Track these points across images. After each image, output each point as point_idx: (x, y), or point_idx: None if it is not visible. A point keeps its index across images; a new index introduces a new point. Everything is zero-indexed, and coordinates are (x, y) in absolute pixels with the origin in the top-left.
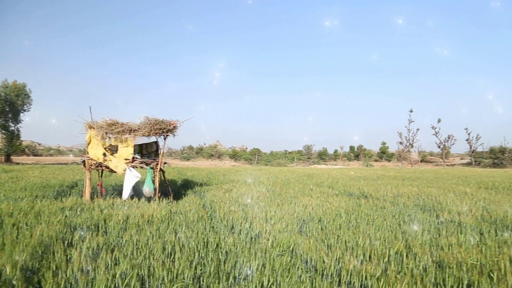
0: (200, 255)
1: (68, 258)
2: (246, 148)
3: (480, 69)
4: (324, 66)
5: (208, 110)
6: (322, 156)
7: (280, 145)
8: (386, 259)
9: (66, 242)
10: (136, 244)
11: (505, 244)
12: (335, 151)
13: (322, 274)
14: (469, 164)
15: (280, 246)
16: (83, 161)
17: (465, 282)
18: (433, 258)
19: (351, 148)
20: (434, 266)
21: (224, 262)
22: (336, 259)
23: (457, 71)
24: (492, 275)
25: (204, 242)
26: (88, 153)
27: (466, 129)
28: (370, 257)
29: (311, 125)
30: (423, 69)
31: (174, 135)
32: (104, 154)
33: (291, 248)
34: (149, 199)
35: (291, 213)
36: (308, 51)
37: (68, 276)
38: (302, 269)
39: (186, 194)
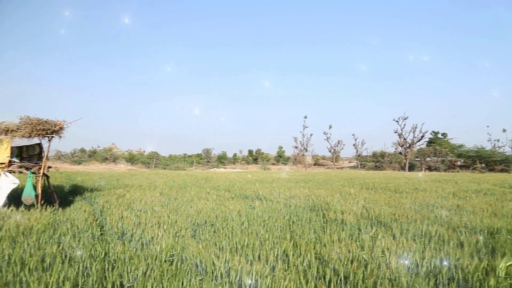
0: (85, 265)
1: None
2: (144, 151)
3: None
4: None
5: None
6: (222, 159)
7: (179, 148)
8: (273, 258)
9: None
10: (9, 259)
11: (377, 238)
12: (234, 154)
13: (212, 276)
14: (355, 167)
15: (170, 251)
16: None
17: (343, 274)
18: (316, 255)
19: (250, 152)
20: (317, 262)
21: (112, 270)
22: (225, 260)
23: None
24: (367, 266)
25: (91, 251)
26: None
27: (353, 135)
28: (259, 256)
29: (213, 129)
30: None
31: (60, 136)
32: None
33: (181, 253)
34: (29, 208)
35: (186, 217)
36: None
37: None
38: (192, 272)
39: (75, 200)
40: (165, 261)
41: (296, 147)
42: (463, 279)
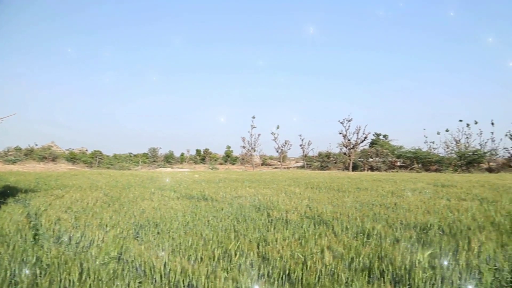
0: (13, 272)
1: None
2: (86, 150)
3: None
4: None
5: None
6: (169, 159)
7: (125, 147)
8: (216, 258)
9: None
10: None
11: (319, 236)
12: (182, 154)
13: (152, 279)
14: (302, 167)
15: (109, 254)
16: None
17: (286, 272)
18: (260, 253)
19: (198, 151)
20: (260, 260)
21: (44, 276)
22: (166, 262)
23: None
24: (307, 263)
25: (22, 257)
26: None
27: (300, 135)
28: (202, 257)
29: (157, 128)
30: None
31: None
32: None
33: (122, 255)
34: None
35: (129, 218)
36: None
37: None
38: (132, 275)
39: (6, 202)
40: (103, 264)
41: (244, 147)
42: (394, 272)
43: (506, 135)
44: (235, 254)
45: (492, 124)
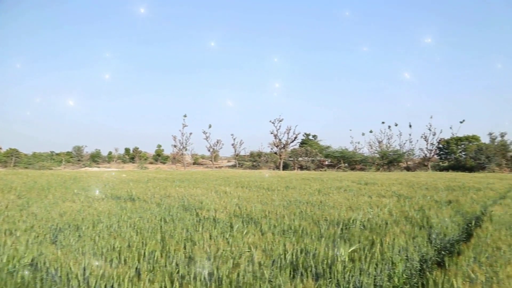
0: None
1: None
2: (1, 149)
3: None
4: None
5: None
6: (95, 158)
7: (46, 146)
8: (140, 260)
9: None
10: None
11: (246, 234)
12: (110, 153)
13: (69, 285)
14: (234, 166)
15: (20, 261)
16: None
17: (212, 271)
18: (186, 253)
19: (126, 150)
20: (186, 261)
21: None
22: (85, 266)
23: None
24: (233, 262)
25: None
26: None
27: (232, 134)
28: (125, 260)
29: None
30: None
31: None
32: None
33: (35, 261)
34: None
35: (46, 221)
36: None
37: None
38: (47, 282)
39: None
40: (12, 272)
41: (175, 146)
42: (316, 267)
43: (422, 136)
44: (161, 255)
45: (410, 126)
